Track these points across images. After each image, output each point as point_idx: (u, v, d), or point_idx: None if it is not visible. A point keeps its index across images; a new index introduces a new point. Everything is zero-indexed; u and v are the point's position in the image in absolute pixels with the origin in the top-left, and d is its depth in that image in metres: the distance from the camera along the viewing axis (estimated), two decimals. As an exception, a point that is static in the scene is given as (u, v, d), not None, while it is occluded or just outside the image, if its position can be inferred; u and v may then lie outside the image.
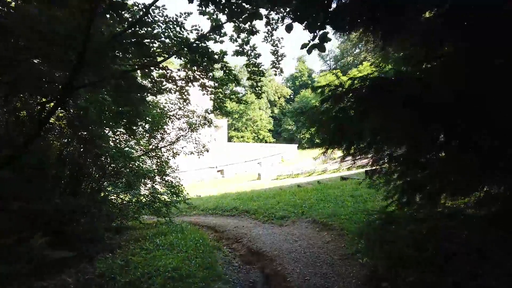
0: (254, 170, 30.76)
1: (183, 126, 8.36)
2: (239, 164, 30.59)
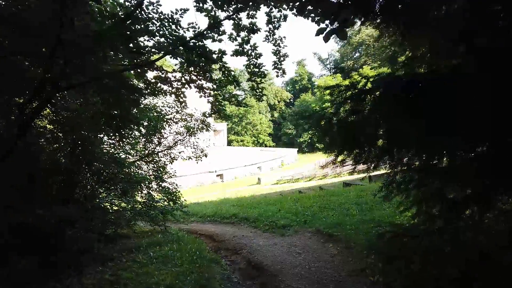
0: (254, 175, 30.41)
1: (180, 130, 8.06)
2: (238, 168, 30.23)
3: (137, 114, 4.82)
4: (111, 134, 4.66)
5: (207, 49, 3.99)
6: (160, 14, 3.96)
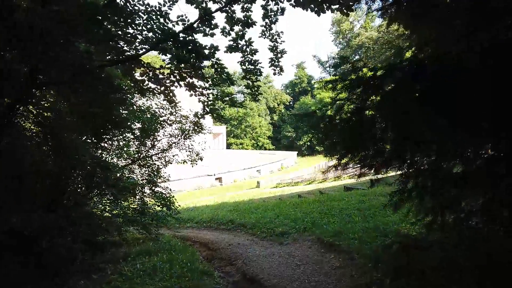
0: (253, 178, 30.04)
1: (175, 133, 7.74)
2: (237, 171, 29.86)
3: (124, 115, 4.52)
4: (89, 135, 4.32)
5: (198, 43, 3.69)
6: (147, 6, 3.67)
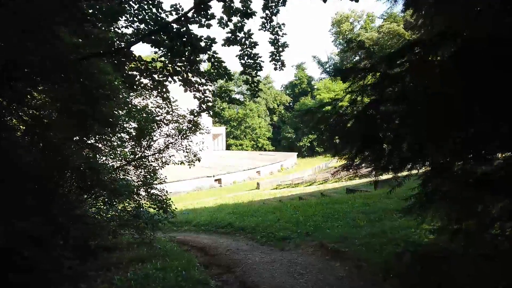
0: (252, 179, 29.75)
1: (172, 133, 7.45)
2: (237, 173, 29.55)
3: (116, 112, 4.23)
4: (75, 134, 4.03)
5: (193, 35, 3.41)
6: (138, -6, 3.40)
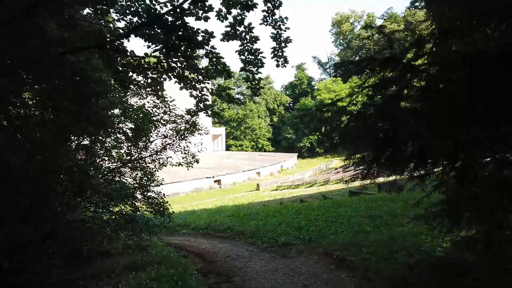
0: (252, 180, 29.48)
1: (169, 133, 7.21)
2: (237, 173, 29.28)
3: (107, 111, 3.98)
4: (61, 133, 3.79)
5: (189, 28, 3.15)
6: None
